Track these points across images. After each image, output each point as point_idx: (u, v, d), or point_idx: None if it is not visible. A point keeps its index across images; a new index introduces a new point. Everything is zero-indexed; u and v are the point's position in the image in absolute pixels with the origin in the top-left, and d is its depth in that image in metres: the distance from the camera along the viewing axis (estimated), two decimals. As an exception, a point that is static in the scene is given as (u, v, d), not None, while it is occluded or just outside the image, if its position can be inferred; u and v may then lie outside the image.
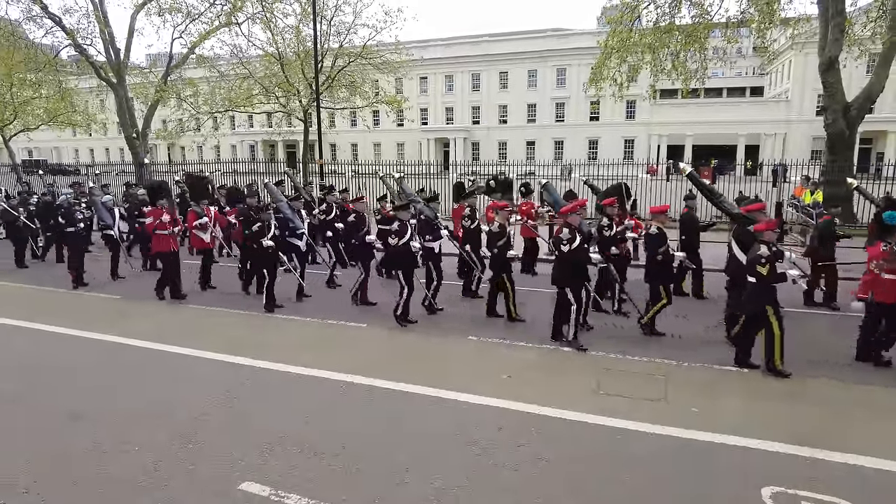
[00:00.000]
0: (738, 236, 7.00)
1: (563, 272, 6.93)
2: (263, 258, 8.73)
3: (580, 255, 6.81)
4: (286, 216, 9.30)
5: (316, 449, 4.57)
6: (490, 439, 4.71)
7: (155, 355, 6.93)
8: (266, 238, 8.59)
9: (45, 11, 20.52)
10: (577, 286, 6.92)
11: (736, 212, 7.08)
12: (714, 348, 6.82)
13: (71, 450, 4.62)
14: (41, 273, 11.89)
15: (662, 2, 16.17)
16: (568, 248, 6.72)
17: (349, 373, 6.09)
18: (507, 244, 7.80)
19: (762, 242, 5.96)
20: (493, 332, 7.58)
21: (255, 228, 8.65)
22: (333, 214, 10.59)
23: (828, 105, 15.24)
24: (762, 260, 5.83)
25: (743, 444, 4.59)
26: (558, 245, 6.84)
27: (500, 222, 7.95)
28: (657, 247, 7.10)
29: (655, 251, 7.12)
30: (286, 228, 9.32)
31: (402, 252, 7.78)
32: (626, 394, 5.59)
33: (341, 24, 21.67)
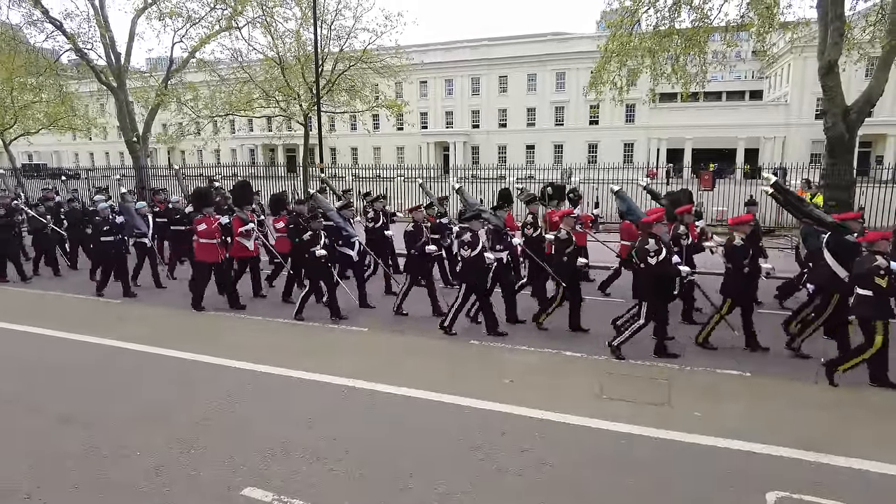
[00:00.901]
0: (833, 246, 6.58)
1: (647, 286, 6.60)
2: (317, 269, 8.38)
3: (667, 267, 6.48)
4: (338, 224, 8.92)
5: (318, 454, 4.55)
6: (493, 444, 4.69)
7: (153, 359, 6.91)
8: (318, 248, 8.24)
9: (46, 16, 20.51)
10: (662, 300, 6.62)
11: (829, 220, 6.72)
12: (717, 353, 6.81)
13: (71, 454, 4.60)
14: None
15: (662, 6, 16.16)
16: (655, 260, 6.41)
17: (351, 377, 6.07)
18: (575, 252, 7.56)
19: (877, 253, 5.69)
20: (496, 336, 7.56)
21: (307, 238, 8.31)
22: (381, 222, 10.13)
23: (827, 109, 15.21)
24: (881, 272, 5.57)
25: (747, 448, 4.57)
26: (644, 257, 6.49)
27: (567, 230, 7.63)
28: (742, 258, 6.73)
29: (741, 263, 6.73)
30: (338, 237, 8.94)
31: (475, 264, 7.39)
32: (629, 398, 5.57)
33: (342, 29, 21.70)
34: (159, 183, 21.60)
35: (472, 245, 7.33)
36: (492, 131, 55.33)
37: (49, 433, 5.00)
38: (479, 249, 7.34)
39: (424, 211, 9.10)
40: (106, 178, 24.92)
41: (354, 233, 9.10)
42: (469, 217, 7.74)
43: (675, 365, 6.45)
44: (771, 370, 6.27)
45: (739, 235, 6.85)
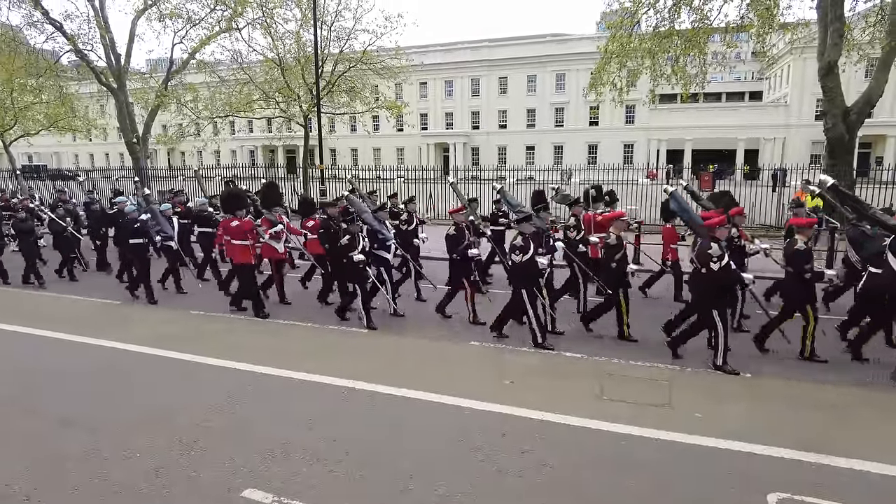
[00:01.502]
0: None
1: (709, 292, 6.31)
2: (354, 273, 8.12)
3: (730, 273, 6.20)
4: (374, 227, 8.60)
5: (319, 455, 4.54)
6: (493, 445, 4.68)
7: (154, 361, 6.90)
8: (356, 252, 7.95)
9: (46, 17, 20.55)
10: (723, 308, 6.32)
11: (893, 223, 6.54)
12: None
13: (71, 456, 4.59)
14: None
15: (662, 6, 16.18)
16: (718, 265, 6.11)
17: (351, 378, 6.06)
18: (625, 257, 7.30)
19: None
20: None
21: (345, 241, 8.01)
22: (414, 224, 9.94)
23: (827, 110, 15.26)
24: None
25: (748, 449, 4.56)
26: (707, 262, 6.19)
27: (617, 234, 7.29)
28: (805, 263, 6.45)
29: (802, 268, 6.45)
30: (374, 240, 8.64)
31: (527, 268, 7.01)
32: (629, 399, 5.57)
33: (341, 30, 21.73)
34: (159, 184, 21.60)
35: (524, 249, 6.92)
36: (492, 132, 55.33)
37: (49, 435, 4.99)
38: (531, 254, 6.96)
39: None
40: (106, 178, 24.96)
41: (390, 236, 8.79)
42: (520, 220, 7.28)
43: (675, 366, 6.45)
44: (771, 371, 6.27)
45: (802, 239, 6.58)
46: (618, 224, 7.36)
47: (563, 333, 7.71)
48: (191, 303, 9.69)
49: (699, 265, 6.38)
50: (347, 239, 8.00)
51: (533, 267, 7.01)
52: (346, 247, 7.98)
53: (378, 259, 8.61)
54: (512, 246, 7.08)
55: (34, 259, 11.36)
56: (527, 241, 6.97)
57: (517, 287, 7.14)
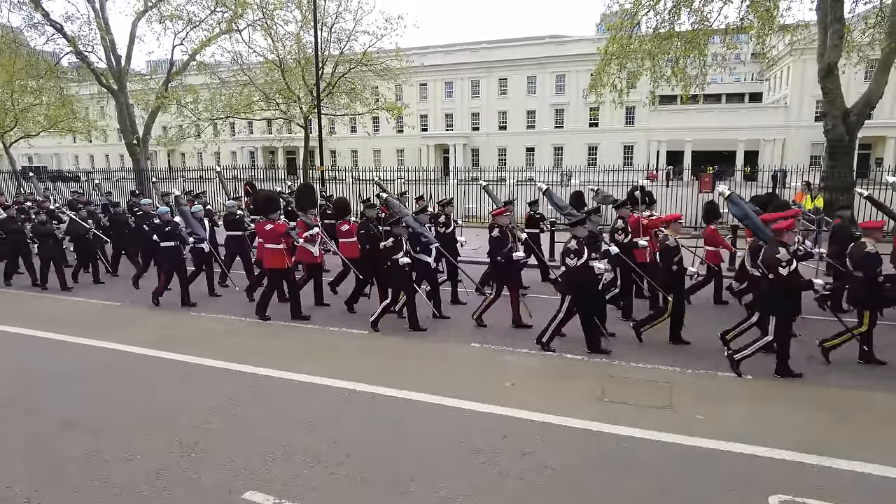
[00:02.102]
0: None
1: (777, 299, 6.03)
2: (398, 277, 7.89)
3: (798, 280, 5.93)
4: (416, 230, 8.29)
5: (320, 457, 4.53)
6: (495, 447, 4.67)
7: (155, 362, 6.90)
8: (401, 255, 7.76)
9: (46, 19, 20.55)
10: (790, 315, 6.07)
11: None
12: (717, 355, 6.79)
13: (72, 457, 4.59)
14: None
15: (662, 8, 16.18)
16: (787, 271, 5.85)
17: (352, 380, 6.06)
18: (682, 260, 6.99)
19: None
20: (496, 339, 7.56)
21: (389, 244, 7.81)
22: (452, 227, 9.75)
23: (827, 111, 15.22)
24: None
25: (749, 451, 4.55)
26: (775, 268, 5.90)
27: (674, 236, 7.05)
28: (877, 266, 6.22)
29: (875, 271, 6.22)
30: (416, 244, 8.36)
31: (582, 274, 6.73)
32: (630, 401, 5.56)
33: (342, 31, 21.75)
34: (160, 186, 21.56)
35: (579, 253, 6.64)
36: (492, 134, 55.41)
37: (50, 437, 4.99)
38: (585, 258, 6.66)
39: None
40: (106, 180, 24.93)
41: (433, 239, 8.51)
42: (574, 222, 7.00)
43: (675, 368, 6.44)
44: (769, 373, 6.24)
45: (871, 241, 6.36)
46: (674, 226, 7.15)
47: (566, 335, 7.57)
48: (201, 305, 9.66)
49: (766, 271, 6.08)
50: (392, 242, 7.80)
51: (588, 272, 6.72)
52: (390, 250, 7.78)
53: (419, 263, 8.32)
54: (566, 250, 6.80)
55: (60, 262, 11.00)
56: (581, 245, 6.72)
57: (570, 293, 6.89)
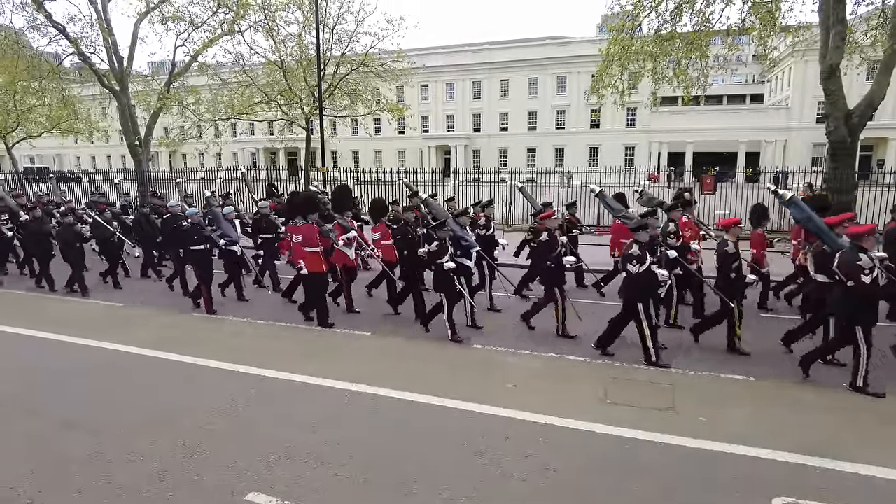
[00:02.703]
0: None
1: (858, 307, 5.78)
2: (442, 281, 7.59)
3: (876, 287, 5.70)
4: (458, 234, 7.98)
5: (322, 459, 4.54)
6: (497, 449, 4.67)
7: (157, 363, 6.90)
8: (446, 259, 7.50)
9: (49, 20, 20.57)
10: (869, 324, 5.81)
11: None
12: (718, 357, 6.79)
13: (74, 458, 4.59)
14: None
15: (664, 10, 16.19)
16: (870, 278, 5.64)
17: (354, 381, 6.05)
18: (741, 265, 6.80)
19: None
20: (498, 340, 7.55)
21: (433, 248, 7.60)
22: (492, 230, 9.47)
23: (829, 113, 15.21)
24: None
25: (752, 453, 4.55)
26: (857, 275, 5.61)
27: (733, 240, 6.82)
28: None
29: None
30: (457, 247, 8.04)
31: (644, 280, 6.48)
32: (633, 403, 5.56)
33: (343, 33, 21.77)
34: (160, 187, 21.59)
35: (641, 259, 6.41)
36: (493, 135, 55.39)
37: (53, 437, 4.99)
38: (647, 264, 6.45)
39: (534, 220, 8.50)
40: (107, 181, 24.95)
41: (474, 242, 8.16)
42: (637, 227, 6.71)
43: (678, 370, 6.44)
44: (774, 374, 6.25)
45: None
46: (734, 231, 6.88)
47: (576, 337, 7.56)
48: (191, 306, 9.66)
49: (846, 278, 5.77)
50: (437, 245, 7.56)
51: (650, 278, 6.49)
52: (435, 254, 7.57)
53: (460, 267, 7.95)
54: (627, 256, 6.55)
55: (80, 266, 10.72)
56: (643, 251, 6.47)
57: (631, 300, 6.61)
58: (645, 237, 6.60)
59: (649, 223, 6.96)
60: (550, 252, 7.59)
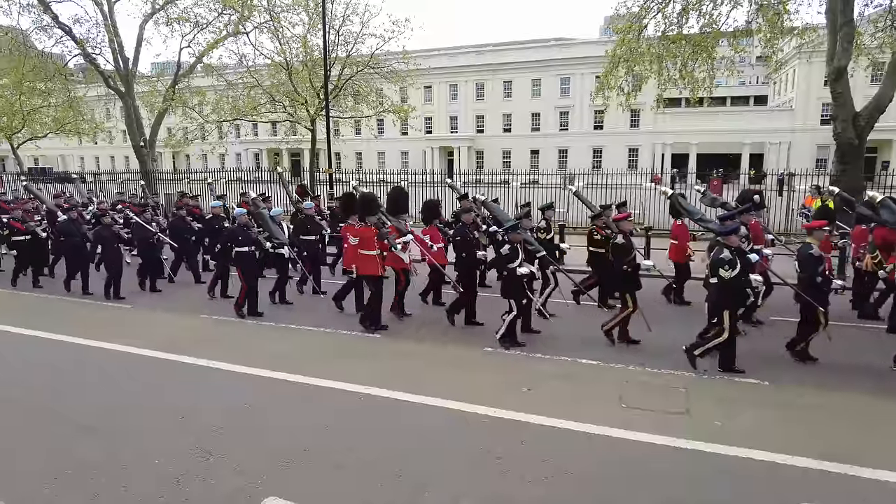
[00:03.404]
0: None
1: None
2: (513, 287, 7.21)
3: None
4: (524, 239, 7.68)
5: (339, 463, 4.52)
6: (514, 453, 4.65)
7: (169, 365, 6.90)
8: (518, 263, 7.12)
9: (55, 21, 20.64)
10: None
11: None
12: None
13: (90, 462, 4.58)
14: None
15: (671, 11, 16.17)
16: None
17: (367, 384, 6.03)
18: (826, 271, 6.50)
19: None
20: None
21: (505, 252, 7.19)
22: (552, 233, 9.21)
23: (836, 115, 15.15)
24: None
25: (770, 458, 4.51)
26: None
27: (817, 244, 6.53)
28: None
29: None
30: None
31: (737, 285, 6.25)
32: (648, 406, 5.53)
33: (349, 34, 21.79)
34: (166, 188, 21.62)
35: (733, 264, 6.21)
36: (496, 136, 55.35)
37: (68, 441, 4.98)
38: (739, 269, 6.21)
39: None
40: (111, 181, 25.02)
41: (538, 246, 7.83)
42: (727, 230, 6.45)
43: (691, 373, 6.41)
44: (788, 379, 6.22)
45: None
46: (818, 234, 6.60)
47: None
48: (203, 308, 9.66)
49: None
50: (508, 249, 7.19)
51: (744, 283, 6.27)
52: (507, 258, 7.18)
53: None
54: (719, 260, 6.23)
55: (119, 271, 10.36)
56: (735, 256, 6.19)
57: (723, 307, 6.31)
58: (736, 241, 6.34)
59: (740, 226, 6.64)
60: (628, 256, 7.24)
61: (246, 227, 8.99)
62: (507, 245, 7.22)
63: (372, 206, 8.20)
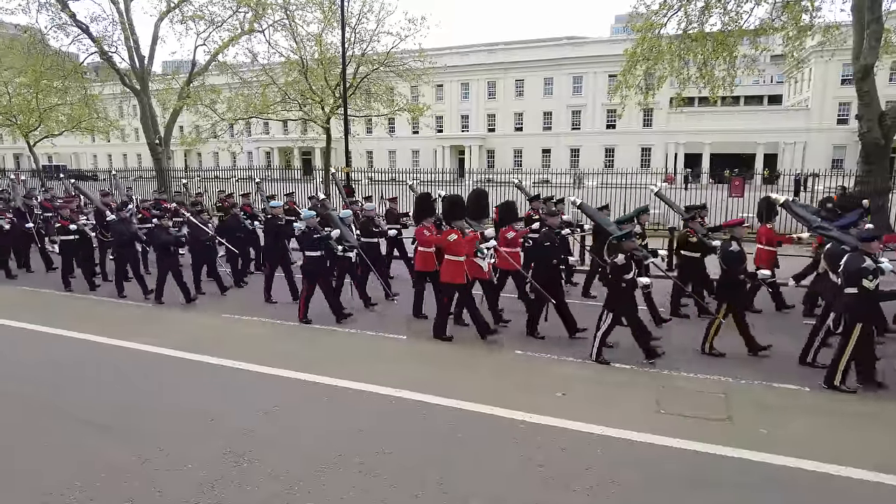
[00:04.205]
0: None
1: None
2: (623, 299, 6.61)
3: None
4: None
5: (374, 468, 4.40)
6: (555, 460, 4.51)
7: (194, 366, 6.81)
8: (638, 273, 6.59)
9: (73, 19, 20.70)
10: None
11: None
12: (767, 364, 6.58)
13: (121, 465, 4.49)
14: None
15: (693, 9, 15.96)
16: None
17: (397, 388, 5.91)
18: None
19: None
20: (539, 346, 7.36)
21: (619, 261, 6.48)
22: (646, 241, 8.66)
23: (862, 114, 14.89)
24: None
25: (823, 469, 4.35)
26: None
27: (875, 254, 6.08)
28: None
29: None
30: None
31: (874, 298, 5.85)
32: (687, 413, 5.37)
33: (364, 32, 21.70)
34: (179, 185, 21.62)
35: (876, 273, 5.81)
36: (508, 135, 55.10)
37: (97, 443, 4.90)
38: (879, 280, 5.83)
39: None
40: (123, 178, 25.04)
41: (647, 253, 7.15)
42: (868, 236, 6.02)
43: (727, 378, 6.24)
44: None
45: None
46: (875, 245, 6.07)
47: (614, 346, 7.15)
48: (225, 307, 9.59)
49: None
50: (623, 258, 6.48)
51: (878, 296, 5.85)
52: (622, 268, 6.49)
53: None
54: (862, 269, 5.71)
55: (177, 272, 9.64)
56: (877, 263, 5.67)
57: (855, 319, 5.80)
58: (878, 247, 5.86)
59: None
60: (742, 263, 6.82)
61: (314, 229, 8.42)
62: (621, 254, 6.50)
63: (458, 209, 7.60)
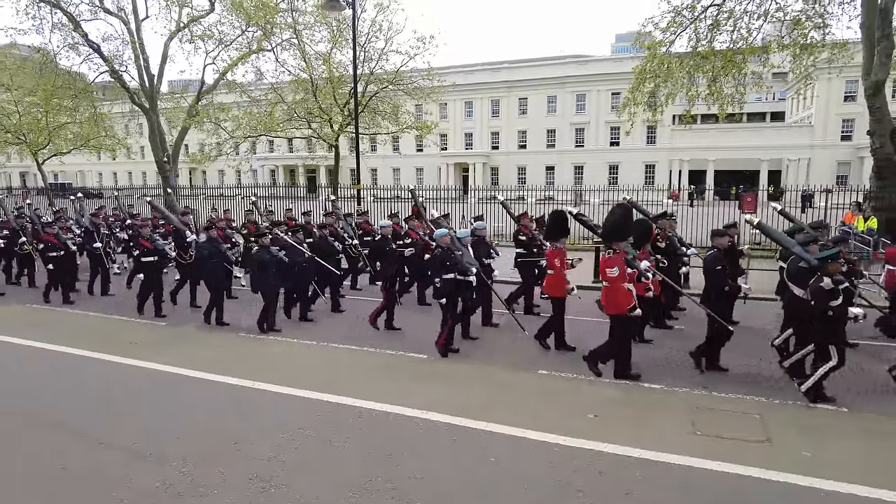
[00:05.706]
0: None
1: None
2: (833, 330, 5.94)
3: None
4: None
5: (409, 495, 4.24)
6: (594, 486, 4.35)
7: (214, 386, 6.65)
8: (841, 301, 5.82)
9: (85, 39, 20.88)
10: None
11: None
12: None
13: (145, 490, 4.33)
14: None
15: (701, 27, 16.05)
16: None
17: (423, 409, 5.75)
18: None
19: None
20: (563, 365, 7.18)
21: (828, 286, 5.73)
22: None
23: (874, 129, 14.88)
24: None
25: (875, 495, 4.18)
26: None
27: None
28: None
29: None
30: None
31: None
32: (725, 434, 5.21)
33: (373, 50, 21.82)
34: (185, 204, 21.59)
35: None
36: (511, 153, 55.30)
37: (119, 467, 4.74)
38: None
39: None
40: (128, 196, 25.03)
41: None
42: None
43: (762, 398, 6.07)
44: (869, 407, 5.86)
45: None
46: None
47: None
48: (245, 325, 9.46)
49: None
50: (830, 283, 5.71)
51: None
52: (828, 294, 5.79)
53: None
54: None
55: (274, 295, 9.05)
56: None
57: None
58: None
59: None
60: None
61: (449, 250, 7.57)
62: (826, 278, 5.70)
63: (623, 230, 6.73)
